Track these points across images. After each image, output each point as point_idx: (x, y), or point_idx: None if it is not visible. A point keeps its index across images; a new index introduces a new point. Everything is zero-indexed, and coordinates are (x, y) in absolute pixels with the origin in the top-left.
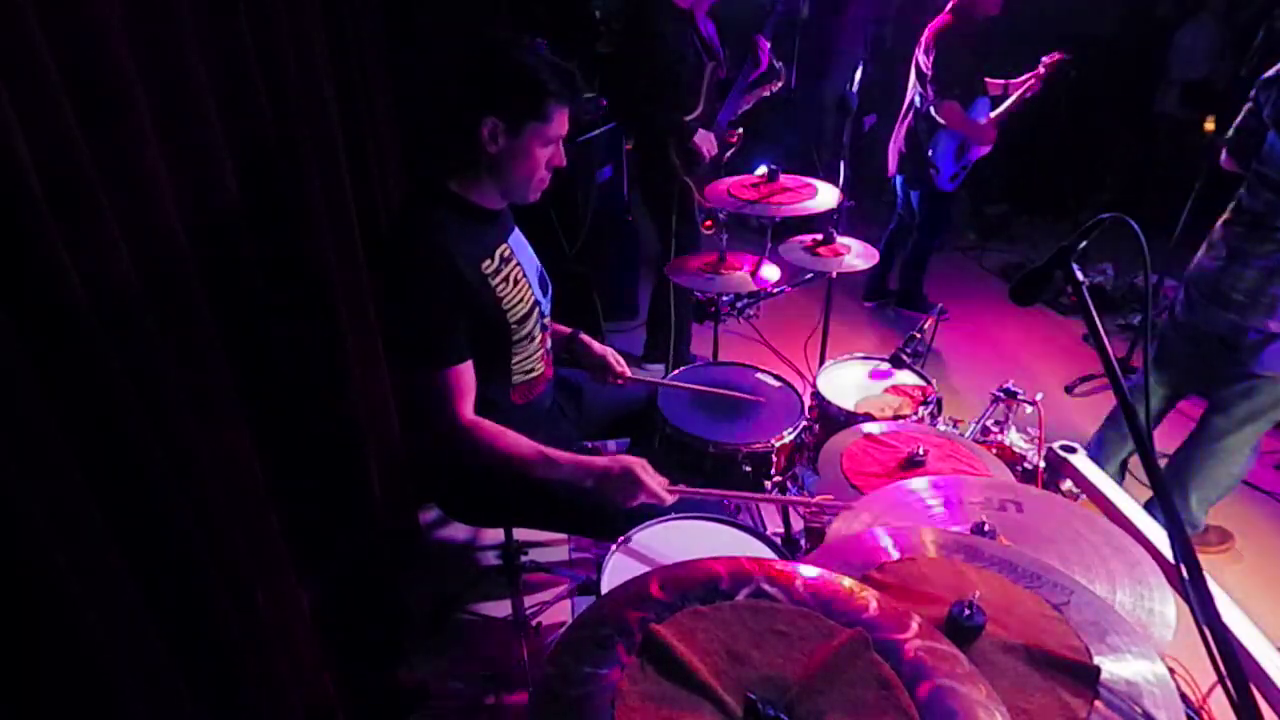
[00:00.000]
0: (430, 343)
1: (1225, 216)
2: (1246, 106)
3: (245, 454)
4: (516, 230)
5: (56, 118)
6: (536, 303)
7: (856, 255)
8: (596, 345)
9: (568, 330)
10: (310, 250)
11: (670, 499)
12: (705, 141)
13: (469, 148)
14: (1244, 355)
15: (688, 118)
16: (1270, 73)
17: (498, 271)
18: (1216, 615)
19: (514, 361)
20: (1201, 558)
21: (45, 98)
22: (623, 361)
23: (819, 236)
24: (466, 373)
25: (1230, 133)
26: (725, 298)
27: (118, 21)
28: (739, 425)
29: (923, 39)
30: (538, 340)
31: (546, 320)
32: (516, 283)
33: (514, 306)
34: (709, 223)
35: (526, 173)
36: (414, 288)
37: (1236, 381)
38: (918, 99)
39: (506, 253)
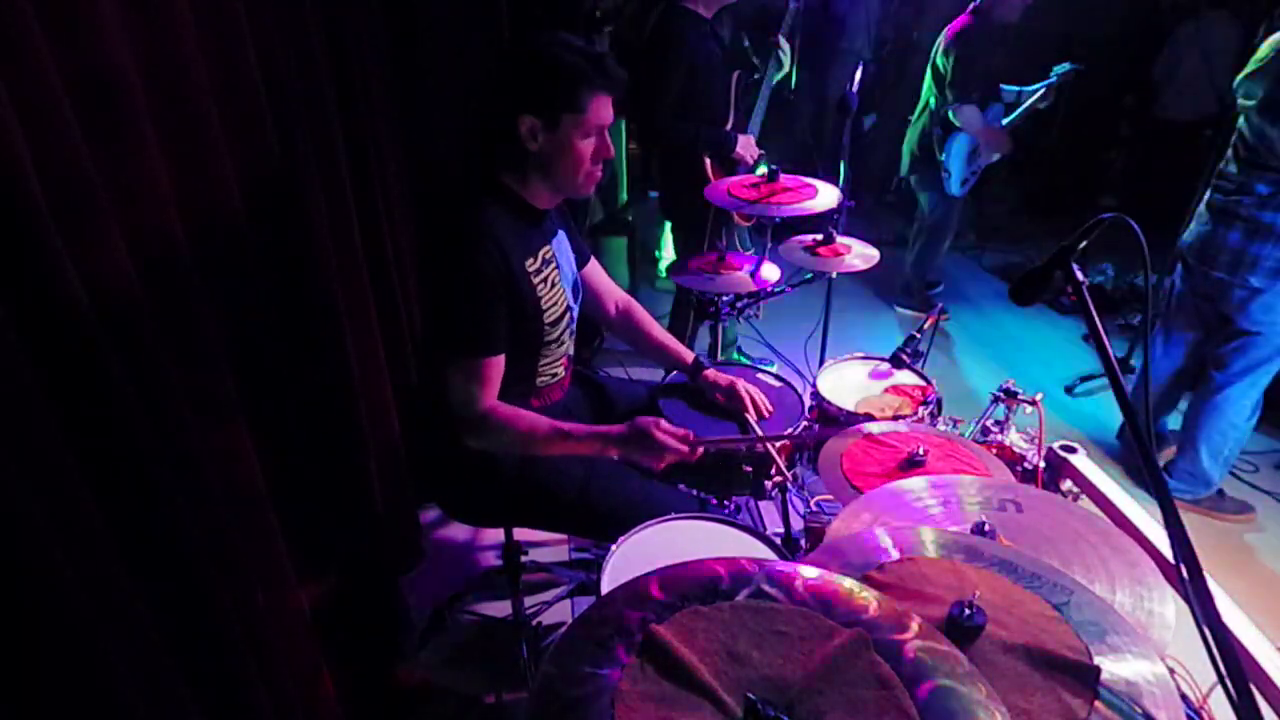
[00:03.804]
0: (475, 330)
1: (1210, 186)
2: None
3: (245, 454)
4: (562, 234)
5: (57, 119)
6: (569, 308)
7: (856, 255)
8: (723, 378)
9: (689, 357)
10: (311, 251)
11: (693, 455)
12: (748, 149)
13: (513, 148)
14: (1233, 312)
15: (726, 129)
16: (1248, 66)
17: (539, 271)
18: (1216, 615)
19: (540, 364)
20: (1220, 523)
21: (46, 99)
22: (756, 395)
23: (819, 236)
24: (499, 364)
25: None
26: (725, 298)
27: (118, 22)
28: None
29: (941, 40)
30: (565, 345)
31: (574, 328)
32: (554, 285)
33: (549, 308)
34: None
35: (571, 168)
36: (467, 275)
37: (1231, 339)
38: (934, 100)
39: (549, 254)
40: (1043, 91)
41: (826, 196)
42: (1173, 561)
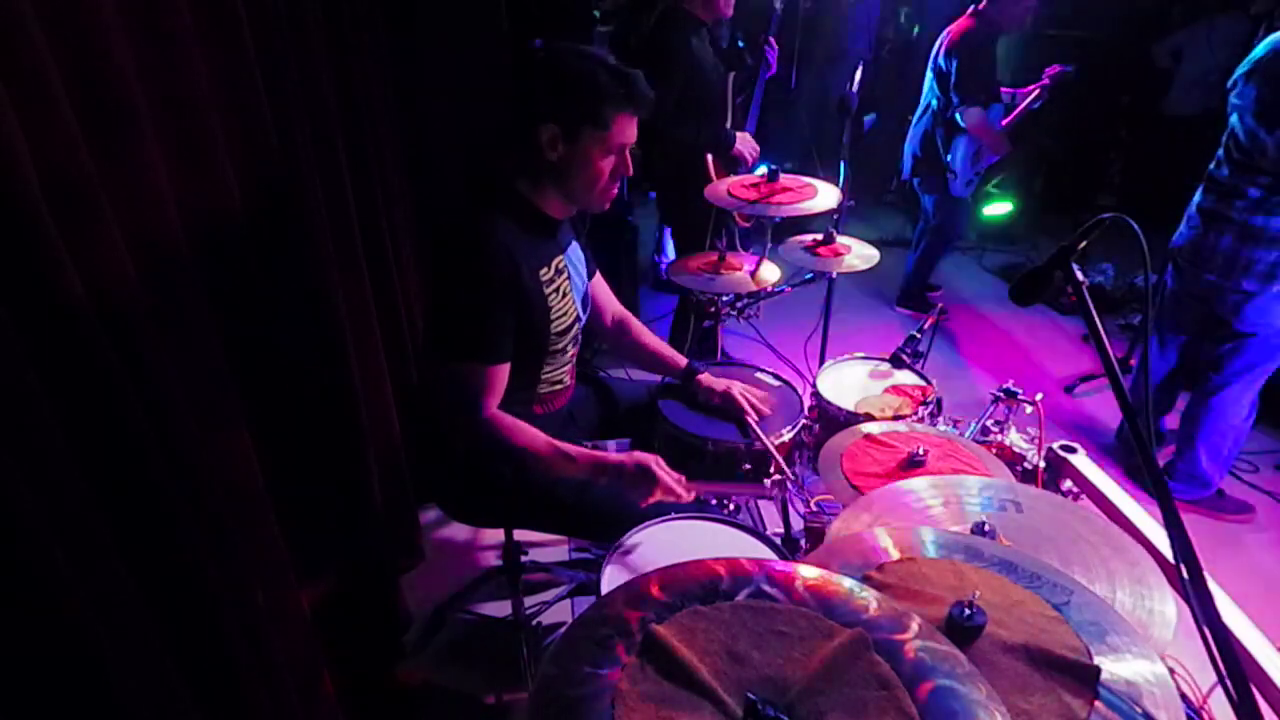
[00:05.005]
0: (482, 338)
1: (1201, 189)
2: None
3: (245, 454)
4: (575, 244)
5: (57, 119)
6: (578, 318)
7: (856, 255)
8: (719, 383)
9: (682, 363)
10: (311, 252)
11: (688, 495)
12: (747, 145)
13: (531, 154)
14: (1227, 314)
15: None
16: (1241, 67)
17: (551, 281)
18: (1216, 615)
19: (544, 372)
20: (1220, 523)
21: (46, 99)
22: (753, 397)
23: (819, 236)
24: (504, 373)
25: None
26: (725, 298)
27: (118, 22)
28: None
29: (943, 42)
30: (570, 354)
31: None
32: (564, 295)
33: (559, 318)
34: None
35: (588, 182)
36: (476, 284)
37: (1226, 341)
38: (936, 102)
39: (561, 264)
40: (1036, 92)
41: (826, 196)
42: (1173, 561)
